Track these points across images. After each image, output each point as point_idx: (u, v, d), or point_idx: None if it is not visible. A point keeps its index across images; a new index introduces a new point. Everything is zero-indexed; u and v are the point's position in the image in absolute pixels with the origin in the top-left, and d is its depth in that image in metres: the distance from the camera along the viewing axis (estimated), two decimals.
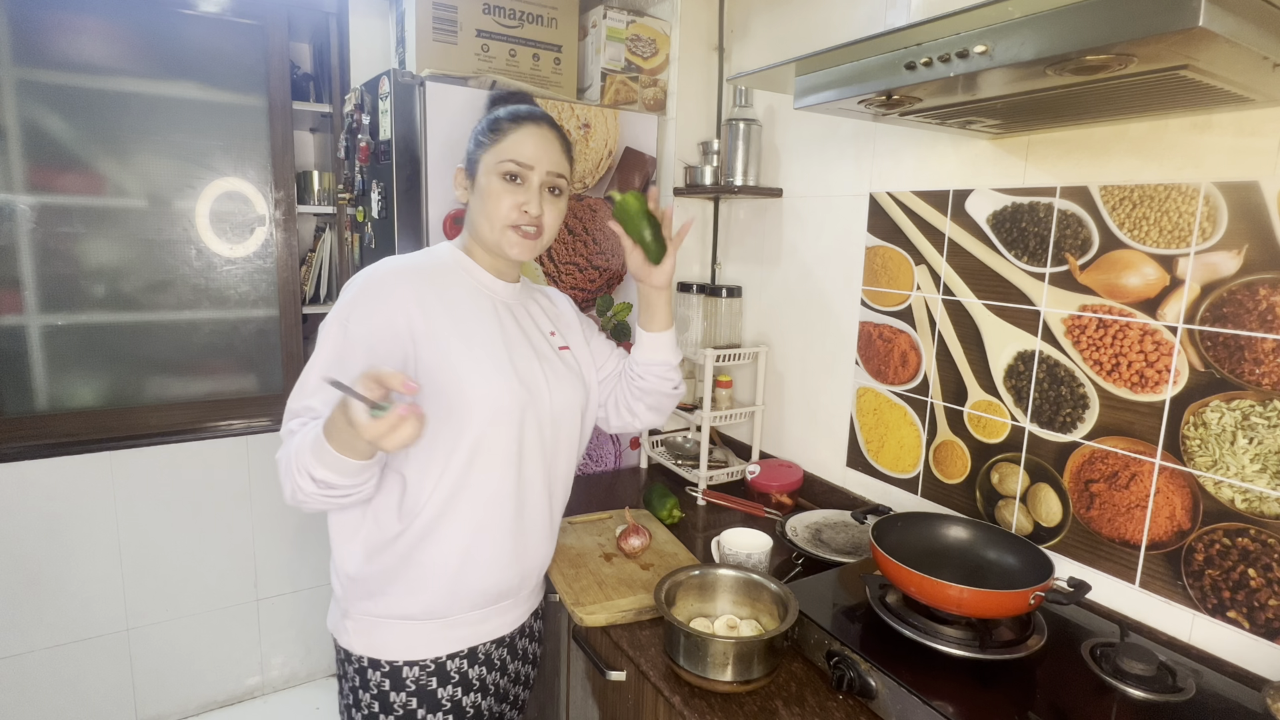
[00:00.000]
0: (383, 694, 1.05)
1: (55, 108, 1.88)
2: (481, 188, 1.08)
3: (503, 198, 1.06)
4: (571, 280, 1.87)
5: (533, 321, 1.16)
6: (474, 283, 1.10)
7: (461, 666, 1.09)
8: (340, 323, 0.99)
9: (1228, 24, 0.62)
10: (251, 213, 2.17)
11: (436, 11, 1.71)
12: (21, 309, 1.90)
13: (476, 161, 1.09)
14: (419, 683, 1.06)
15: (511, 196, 1.06)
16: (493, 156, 1.07)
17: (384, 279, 1.02)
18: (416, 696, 1.06)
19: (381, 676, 1.05)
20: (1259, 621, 1.01)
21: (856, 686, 1.00)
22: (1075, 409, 1.21)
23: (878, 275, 1.54)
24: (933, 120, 1.12)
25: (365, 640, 1.06)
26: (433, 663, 1.07)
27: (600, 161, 1.85)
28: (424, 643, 1.06)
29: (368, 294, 1.01)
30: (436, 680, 1.07)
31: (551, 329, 1.19)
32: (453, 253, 1.12)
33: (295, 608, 2.35)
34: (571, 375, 1.16)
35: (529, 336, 1.13)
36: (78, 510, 1.97)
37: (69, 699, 2.01)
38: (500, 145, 1.07)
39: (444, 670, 1.07)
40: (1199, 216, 1.04)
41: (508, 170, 1.06)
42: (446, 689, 1.08)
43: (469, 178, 1.11)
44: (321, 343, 1.00)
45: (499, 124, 1.08)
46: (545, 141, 1.08)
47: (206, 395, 2.16)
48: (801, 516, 1.56)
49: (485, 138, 1.08)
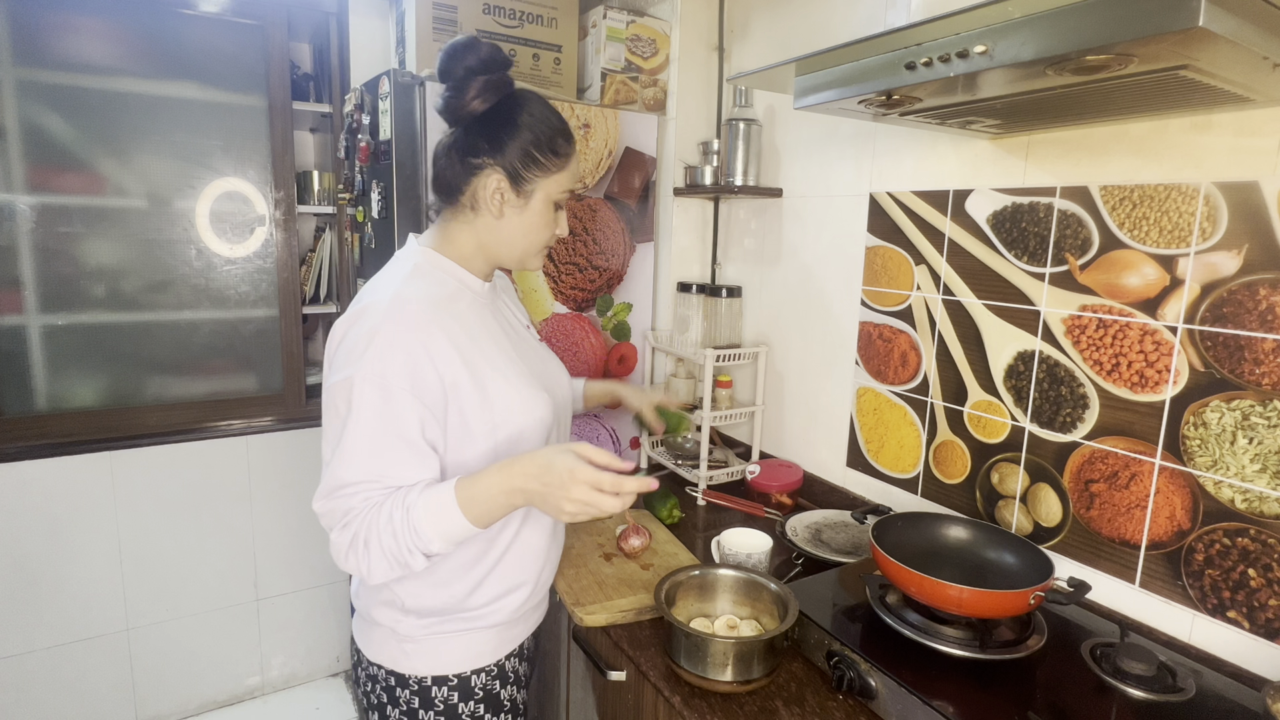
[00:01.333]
0: (450, 707, 1.03)
1: (55, 108, 1.88)
2: (535, 212, 1.01)
3: (550, 226, 1.03)
4: (571, 280, 1.87)
5: (513, 315, 1.15)
6: (470, 293, 1.03)
7: (515, 665, 1.10)
8: (375, 382, 0.87)
9: (1228, 24, 0.62)
10: (251, 213, 2.17)
11: (436, 11, 1.71)
12: (21, 309, 1.90)
13: (534, 184, 0.99)
14: (486, 688, 1.05)
15: (555, 223, 1.04)
16: (555, 185, 1.01)
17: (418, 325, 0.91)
18: (484, 702, 1.05)
19: (449, 691, 1.03)
20: (1259, 621, 1.01)
21: (856, 686, 1.00)
22: (1075, 409, 1.21)
23: (878, 275, 1.54)
24: (933, 120, 1.12)
25: (431, 660, 1.02)
26: (495, 666, 1.06)
27: (600, 161, 1.85)
28: (491, 648, 1.06)
29: (408, 344, 0.89)
30: (499, 683, 1.07)
31: (526, 322, 1.19)
32: (434, 259, 1.01)
33: (295, 608, 2.35)
34: (557, 364, 1.19)
35: (517, 333, 1.12)
36: (78, 510, 1.97)
37: (69, 699, 2.01)
38: (565, 174, 1.01)
39: (504, 670, 1.08)
40: (1199, 216, 1.04)
41: (563, 200, 1.02)
42: (506, 689, 1.08)
43: (518, 196, 0.99)
44: (358, 406, 0.88)
45: (566, 150, 1.01)
46: None
47: (206, 395, 2.16)
48: (801, 516, 1.56)
49: (551, 162, 0.99)
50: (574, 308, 1.90)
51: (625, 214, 1.93)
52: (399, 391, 0.88)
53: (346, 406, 0.89)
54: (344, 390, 0.89)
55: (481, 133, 0.99)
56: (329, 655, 2.43)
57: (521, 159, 0.98)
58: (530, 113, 1.00)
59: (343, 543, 0.88)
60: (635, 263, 1.98)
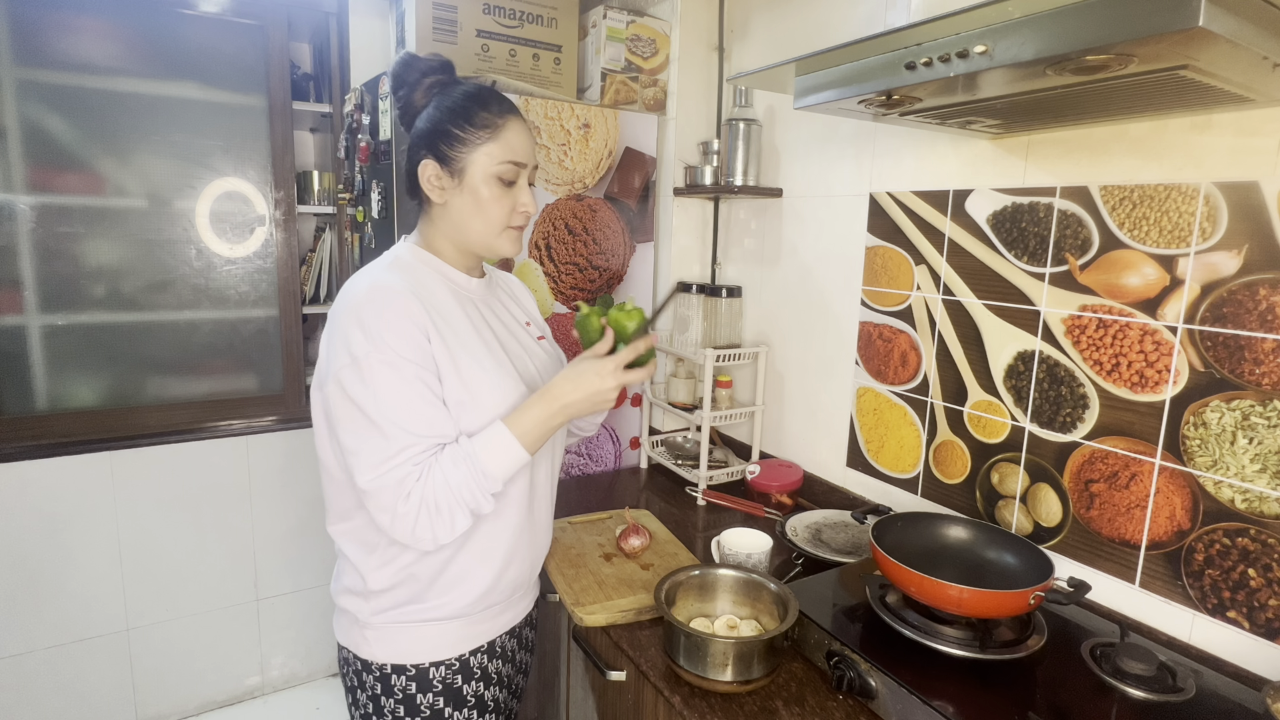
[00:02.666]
0: (409, 697, 1.04)
1: (55, 108, 1.88)
2: (474, 191, 1.00)
3: (501, 202, 1.01)
4: (571, 280, 1.87)
5: (508, 313, 1.15)
6: (452, 286, 1.05)
7: (482, 661, 1.10)
8: (382, 356, 0.91)
9: (1228, 24, 0.62)
10: (251, 213, 2.17)
11: (436, 11, 1.71)
12: (21, 309, 1.90)
13: (462, 160, 0.99)
14: (445, 681, 1.06)
15: (509, 199, 1.02)
16: (487, 158, 0.99)
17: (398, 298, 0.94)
18: (444, 696, 1.06)
19: (407, 680, 1.04)
20: (1259, 621, 1.01)
21: (856, 686, 1.00)
22: (1075, 409, 1.21)
23: (878, 275, 1.54)
24: (933, 120, 1.12)
25: (389, 648, 1.04)
26: (457, 660, 1.07)
27: (600, 161, 1.85)
28: (450, 642, 1.06)
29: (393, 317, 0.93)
30: (461, 677, 1.07)
31: (526, 319, 1.19)
32: (418, 255, 1.04)
33: (295, 608, 2.35)
34: (554, 364, 1.18)
35: (510, 330, 1.12)
36: (78, 510, 1.97)
37: (69, 699, 2.01)
38: (494, 144, 0.99)
39: (468, 666, 1.08)
40: (1199, 216, 1.04)
41: (508, 174, 1.01)
42: (470, 684, 1.08)
43: (451, 176, 1.00)
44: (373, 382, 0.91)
45: (488, 119, 0.99)
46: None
47: (206, 395, 2.16)
48: (801, 516, 1.56)
49: (472, 134, 0.98)
50: (574, 308, 1.90)
51: (625, 214, 1.93)
52: (404, 362, 0.92)
53: (362, 387, 0.91)
54: (353, 374, 0.92)
55: (414, 127, 1.04)
56: (329, 655, 2.43)
57: (442, 137, 0.99)
58: (448, 94, 1.02)
59: (409, 513, 0.91)
60: (635, 263, 1.98)
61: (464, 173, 1.00)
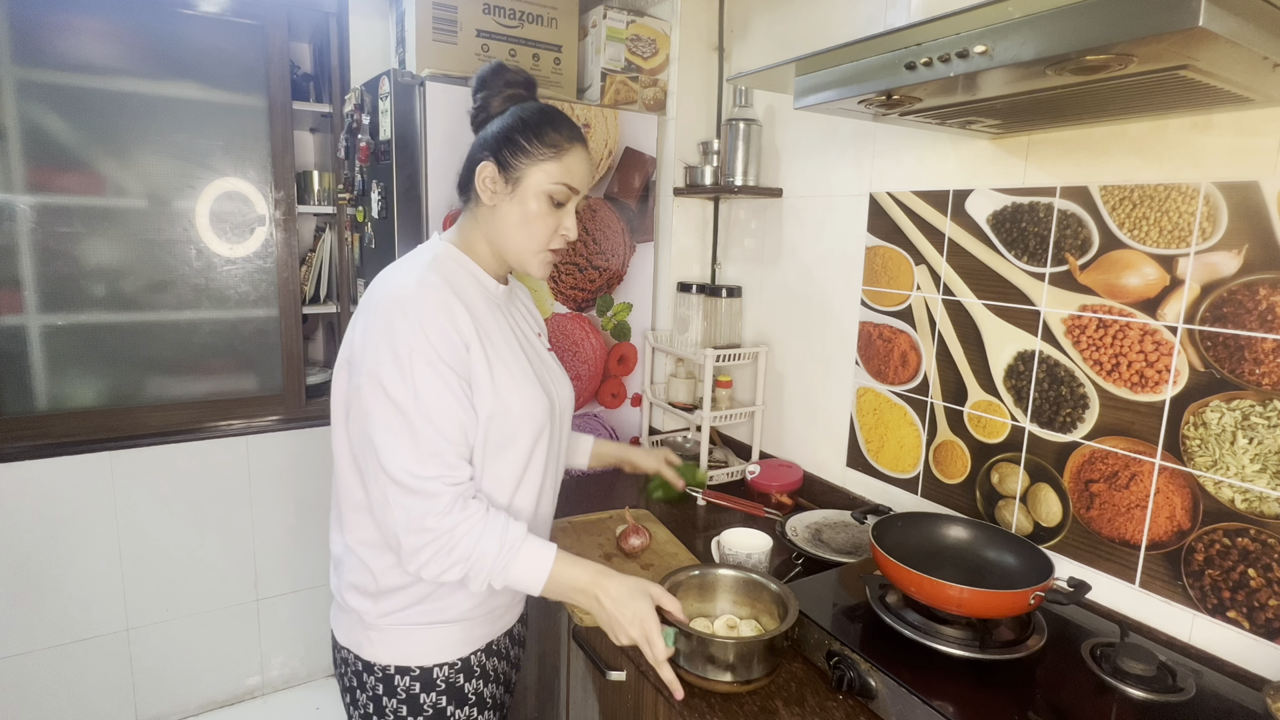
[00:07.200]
0: (411, 697, 1.05)
1: (55, 108, 1.88)
2: (523, 202, 1.02)
3: (547, 220, 1.03)
4: (571, 280, 1.87)
5: (526, 321, 1.17)
6: (483, 289, 1.06)
7: (481, 660, 1.10)
8: (425, 356, 0.92)
9: (1228, 24, 0.62)
10: (251, 213, 2.17)
11: (436, 11, 1.71)
12: (21, 309, 1.90)
13: (520, 171, 1.01)
14: (449, 681, 1.06)
15: (555, 219, 1.04)
16: (544, 175, 1.01)
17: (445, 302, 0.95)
18: (446, 694, 1.06)
19: (411, 681, 1.04)
20: (1259, 621, 1.01)
21: (856, 686, 1.00)
22: (1075, 409, 1.21)
23: (878, 275, 1.54)
24: (933, 120, 1.12)
25: (394, 650, 1.04)
26: (459, 660, 1.07)
27: (600, 161, 1.85)
28: (454, 644, 1.06)
29: (441, 320, 0.94)
30: (463, 676, 1.08)
31: (538, 330, 1.21)
32: (454, 254, 1.06)
33: (295, 608, 2.35)
34: (563, 375, 1.19)
35: (528, 338, 1.13)
36: (78, 510, 1.97)
37: (69, 699, 2.01)
38: (555, 165, 1.02)
39: (469, 666, 1.08)
40: (1199, 216, 1.04)
41: (560, 195, 1.03)
42: (471, 683, 1.09)
43: (506, 183, 1.02)
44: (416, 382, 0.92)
45: (556, 140, 1.02)
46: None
47: (206, 395, 2.16)
48: (801, 516, 1.56)
49: (538, 150, 1.01)
50: (574, 308, 1.90)
51: (625, 214, 1.93)
52: (444, 366, 0.93)
53: (402, 385, 0.92)
54: (394, 371, 0.92)
55: (485, 129, 1.07)
56: (329, 655, 2.43)
57: (508, 145, 1.02)
58: (526, 107, 1.06)
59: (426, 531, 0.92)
60: (635, 263, 1.98)
61: (519, 182, 1.02)
